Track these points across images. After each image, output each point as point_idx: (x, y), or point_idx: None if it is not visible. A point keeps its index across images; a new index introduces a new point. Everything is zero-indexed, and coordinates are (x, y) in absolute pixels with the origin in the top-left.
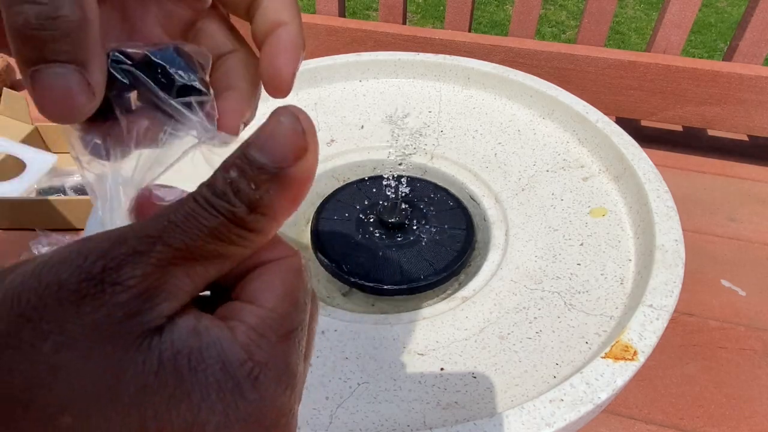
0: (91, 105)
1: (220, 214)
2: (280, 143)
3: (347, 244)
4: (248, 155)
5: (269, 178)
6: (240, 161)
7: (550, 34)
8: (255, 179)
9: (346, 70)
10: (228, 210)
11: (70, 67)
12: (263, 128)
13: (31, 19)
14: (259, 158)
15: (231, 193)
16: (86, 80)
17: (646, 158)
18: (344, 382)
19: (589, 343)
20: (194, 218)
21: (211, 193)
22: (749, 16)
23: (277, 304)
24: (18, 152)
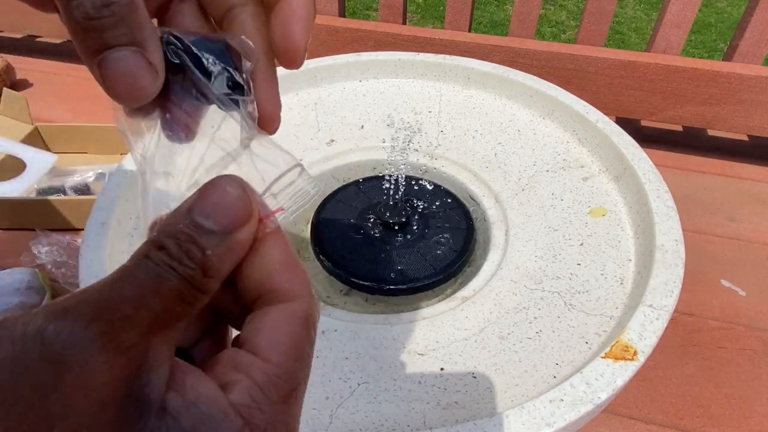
0: (156, 84)
1: (182, 277)
2: (228, 211)
3: (347, 244)
4: (196, 222)
5: (217, 243)
6: (188, 228)
7: (550, 34)
8: (204, 244)
9: (346, 70)
10: (188, 273)
11: (131, 49)
12: (207, 195)
13: (89, 10)
14: (208, 225)
15: (185, 257)
16: (147, 60)
17: (646, 158)
18: (344, 382)
19: (589, 343)
20: (164, 281)
21: (167, 256)
22: (749, 16)
23: (282, 360)
24: (18, 152)
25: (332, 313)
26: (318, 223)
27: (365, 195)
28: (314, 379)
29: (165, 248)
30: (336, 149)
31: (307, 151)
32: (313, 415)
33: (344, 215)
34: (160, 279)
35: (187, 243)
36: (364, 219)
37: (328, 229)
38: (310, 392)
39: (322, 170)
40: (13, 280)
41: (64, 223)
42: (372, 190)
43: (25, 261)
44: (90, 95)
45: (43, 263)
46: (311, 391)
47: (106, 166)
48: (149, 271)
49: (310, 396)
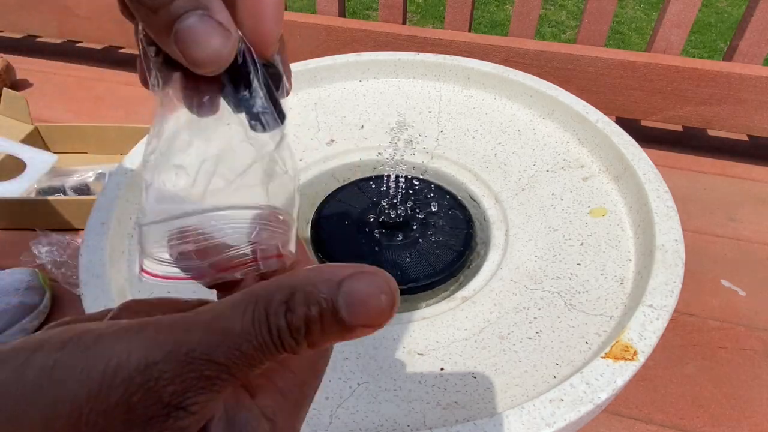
0: (229, 43)
1: (283, 350)
2: (368, 313)
3: (347, 244)
4: (338, 309)
5: (339, 330)
6: (326, 304)
7: (550, 34)
8: (328, 327)
9: (346, 70)
10: (292, 347)
11: (197, 13)
12: (362, 291)
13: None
14: (341, 314)
15: (303, 330)
16: (215, 20)
17: (646, 158)
18: (344, 382)
19: (589, 343)
20: (265, 352)
21: (287, 327)
22: (749, 16)
23: (302, 372)
24: (18, 152)
25: None
26: (318, 223)
27: (365, 195)
28: None
29: (292, 312)
30: (336, 149)
31: (307, 151)
32: (313, 415)
33: (344, 215)
34: (261, 349)
35: (312, 320)
36: (364, 219)
37: (328, 229)
38: None
39: (322, 170)
40: (13, 280)
41: (64, 223)
42: (372, 190)
43: (25, 261)
44: (90, 95)
45: (43, 263)
46: None
47: (106, 166)
48: (255, 338)
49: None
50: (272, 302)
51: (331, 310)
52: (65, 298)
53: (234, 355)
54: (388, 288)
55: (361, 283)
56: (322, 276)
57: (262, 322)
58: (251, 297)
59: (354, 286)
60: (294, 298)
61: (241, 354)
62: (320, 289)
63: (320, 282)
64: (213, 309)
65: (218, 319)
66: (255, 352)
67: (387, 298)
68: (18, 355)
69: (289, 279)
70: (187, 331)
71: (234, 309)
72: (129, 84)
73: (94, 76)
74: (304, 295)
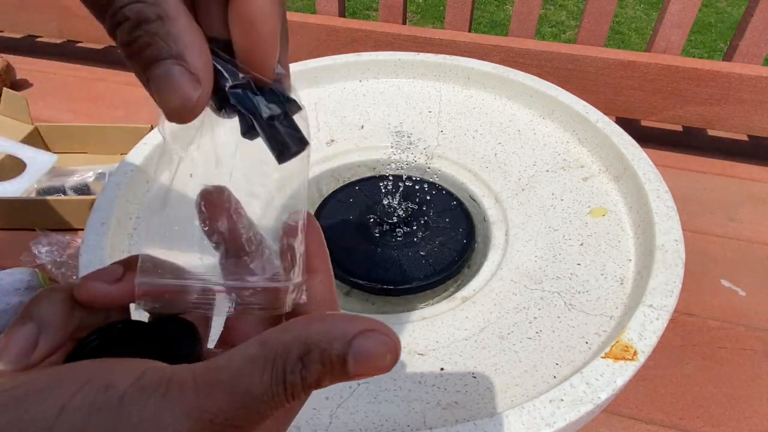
0: (197, 94)
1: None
2: (370, 371)
3: (347, 243)
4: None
5: (341, 378)
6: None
7: (550, 34)
8: (334, 378)
9: (346, 70)
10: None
11: (169, 62)
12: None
13: (125, 36)
14: (350, 368)
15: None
16: (187, 69)
17: (646, 158)
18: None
19: (589, 343)
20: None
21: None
22: (749, 16)
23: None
24: (18, 152)
25: None
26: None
27: (365, 195)
28: None
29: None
30: (336, 149)
31: None
32: (313, 415)
33: (344, 215)
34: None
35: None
36: (364, 219)
37: (328, 229)
38: None
39: (322, 170)
40: (13, 280)
41: (64, 223)
42: (372, 190)
43: (25, 261)
44: (90, 95)
45: (43, 263)
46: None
47: (106, 166)
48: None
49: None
50: (289, 359)
51: (341, 364)
52: None
53: (252, 417)
54: (394, 347)
55: (370, 342)
56: (336, 331)
57: (279, 381)
58: (269, 354)
59: (364, 345)
60: (310, 356)
61: (258, 415)
62: (334, 347)
63: (334, 339)
64: (232, 364)
65: (239, 379)
66: (269, 409)
67: (392, 356)
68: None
69: (305, 331)
70: (210, 396)
71: (253, 367)
72: (129, 84)
73: (94, 76)
74: (320, 353)
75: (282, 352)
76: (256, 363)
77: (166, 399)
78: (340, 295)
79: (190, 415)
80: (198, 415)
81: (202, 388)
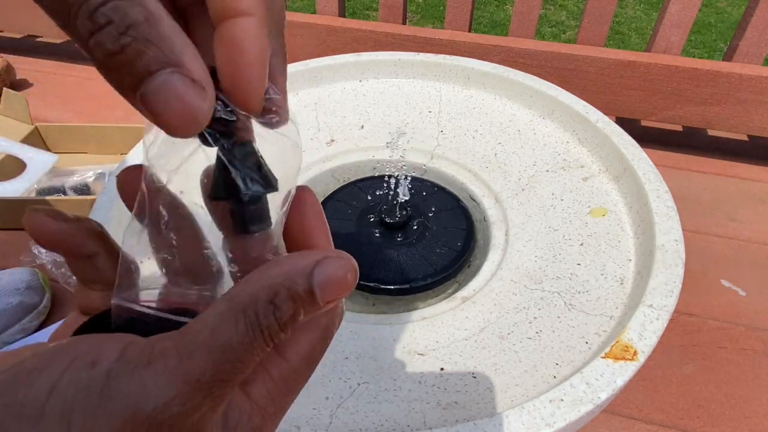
0: (206, 103)
1: (273, 343)
2: (338, 294)
3: (347, 243)
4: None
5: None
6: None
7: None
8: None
9: (346, 70)
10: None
11: (167, 71)
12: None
13: (109, 45)
14: (319, 298)
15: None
16: (189, 77)
17: (646, 158)
18: (344, 382)
19: (589, 343)
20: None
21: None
22: (749, 16)
23: (297, 362)
24: (18, 152)
25: None
26: None
27: (365, 195)
28: (314, 379)
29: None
30: (336, 149)
31: (307, 151)
32: (313, 415)
33: (344, 215)
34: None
35: (297, 309)
36: (364, 219)
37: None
38: (309, 392)
39: (322, 170)
40: (13, 280)
41: None
42: (372, 190)
43: (25, 261)
44: (90, 95)
45: (43, 263)
46: (311, 391)
47: (106, 166)
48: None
49: (310, 396)
50: (259, 305)
51: (309, 296)
52: (65, 298)
53: (236, 368)
54: (352, 266)
55: (329, 268)
56: (295, 269)
57: (254, 327)
58: (239, 305)
59: (325, 273)
60: (278, 297)
61: (241, 364)
62: (299, 283)
63: (296, 276)
64: (206, 324)
65: (216, 335)
66: (252, 356)
67: (351, 275)
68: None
69: (267, 277)
70: (192, 358)
71: (227, 321)
72: None
73: (94, 76)
74: (287, 293)
75: (250, 301)
76: (228, 317)
77: (150, 369)
78: None
79: (176, 380)
80: (184, 379)
81: (183, 352)
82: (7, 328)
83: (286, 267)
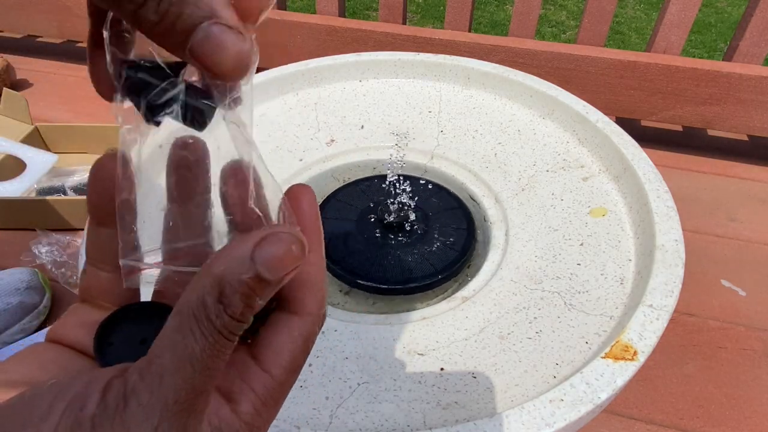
0: (248, 45)
1: (237, 336)
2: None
3: (348, 243)
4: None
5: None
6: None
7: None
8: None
9: (346, 70)
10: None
11: (206, 24)
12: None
13: (153, 14)
14: (267, 277)
15: (246, 312)
16: (226, 25)
17: (646, 158)
18: (344, 382)
19: (589, 343)
20: (225, 350)
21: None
22: (749, 16)
23: (280, 374)
24: (18, 152)
25: (332, 313)
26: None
27: (365, 195)
28: (314, 379)
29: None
30: (336, 149)
31: (307, 151)
32: (313, 415)
33: (345, 215)
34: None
35: (249, 298)
36: (364, 219)
37: (329, 229)
38: (309, 392)
39: (322, 170)
40: (13, 280)
41: (64, 223)
42: (372, 190)
43: (25, 261)
44: (90, 95)
45: (43, 263)
46: (311, 391)
47: None
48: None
49: (310, 396)
50: (208, 308)
51: (258, 281)
52: (65, 298)
53: (209, 375)
54: (294, 238)
55: (271, 248)
56: (235, 259)
57: (211, 331)
58: (187, 314)
59: (267, 254)
60: (225, 293)
61: (212, 370)
62: (242, 273)
63: (237, 266)
64: (165, 344)
65: (177, 352)
66: (219, 358)
67: (297, 246)
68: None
69: (208, 278)
70: (161, 383)
71: (181, 334)
72: None
73: None
74: (231, 286)
75: (199, 306)
76: (183, 329)
77: (128, 411)
78: (341, 295)
79: (154, 412)
80: (162, 406)
81: (152, 382)
82: (7, 328)
83: (226, 259)
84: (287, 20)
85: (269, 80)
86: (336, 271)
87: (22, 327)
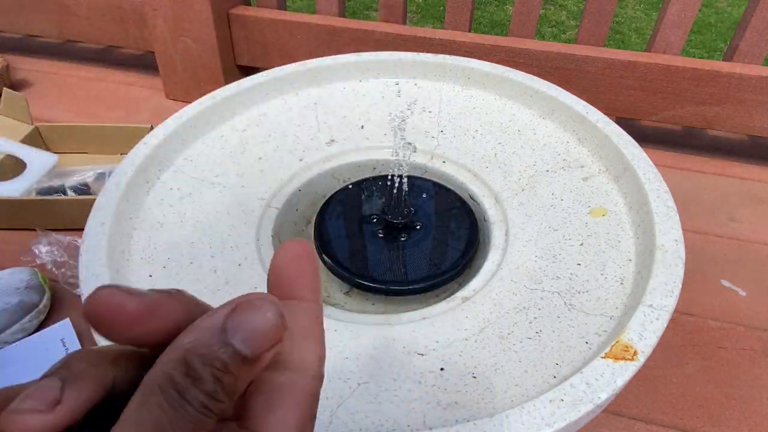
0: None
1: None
2: (266, 339)
3: (348, 243)
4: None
5: (248, 369)
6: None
7: (550, 34)
8: (237, 373)
9: (346, 70)
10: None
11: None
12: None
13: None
14: (244, 351)
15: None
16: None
17: (646, 158)
18: (344, 382)
19: (589, 343)
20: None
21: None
22: (749, 16)
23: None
24: (18, 152)
25: (332, 313)
26: (320, 223)
27: (366, 195)
28: None
29: (200, 379)
30: (336, 149)
31: (307, 151)
32: None
33: (345, 215)
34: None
35: (223, 374)
36: (365, 219)
37: (330, 229)
38: None
39: (322, 170)
40: (13, 279)
41: (64, 223)
42: (372, 190)
43: (25, 261)
44: (90, 95)
45: (43, 263)
46: None
47: (106, 166)
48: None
49: None
50: (177, 382)
51: (233, 355)
52: (65, 298)
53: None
54: (267, 302)
55: (243, 315)
56: (205, 331)
57: (181, 402)
58: (152, 388)
59: (239, 322)
60: (193, 367)
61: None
62: (211, 344)
63: (207, 338)
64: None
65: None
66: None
67: (272, 310)
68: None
69: (175, 351)
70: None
71: (147, 410)
72: (129, 84)
73: (94, 76)
74: (200, 359)
75: (165, 379)
76: (147, 405)
77: None
78: (341, 295)
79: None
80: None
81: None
82: (7, 328)
83: (194, 333)
84: (287, 20)
85: (269, 80)
86: (338, 271)
87: (22, 326)
